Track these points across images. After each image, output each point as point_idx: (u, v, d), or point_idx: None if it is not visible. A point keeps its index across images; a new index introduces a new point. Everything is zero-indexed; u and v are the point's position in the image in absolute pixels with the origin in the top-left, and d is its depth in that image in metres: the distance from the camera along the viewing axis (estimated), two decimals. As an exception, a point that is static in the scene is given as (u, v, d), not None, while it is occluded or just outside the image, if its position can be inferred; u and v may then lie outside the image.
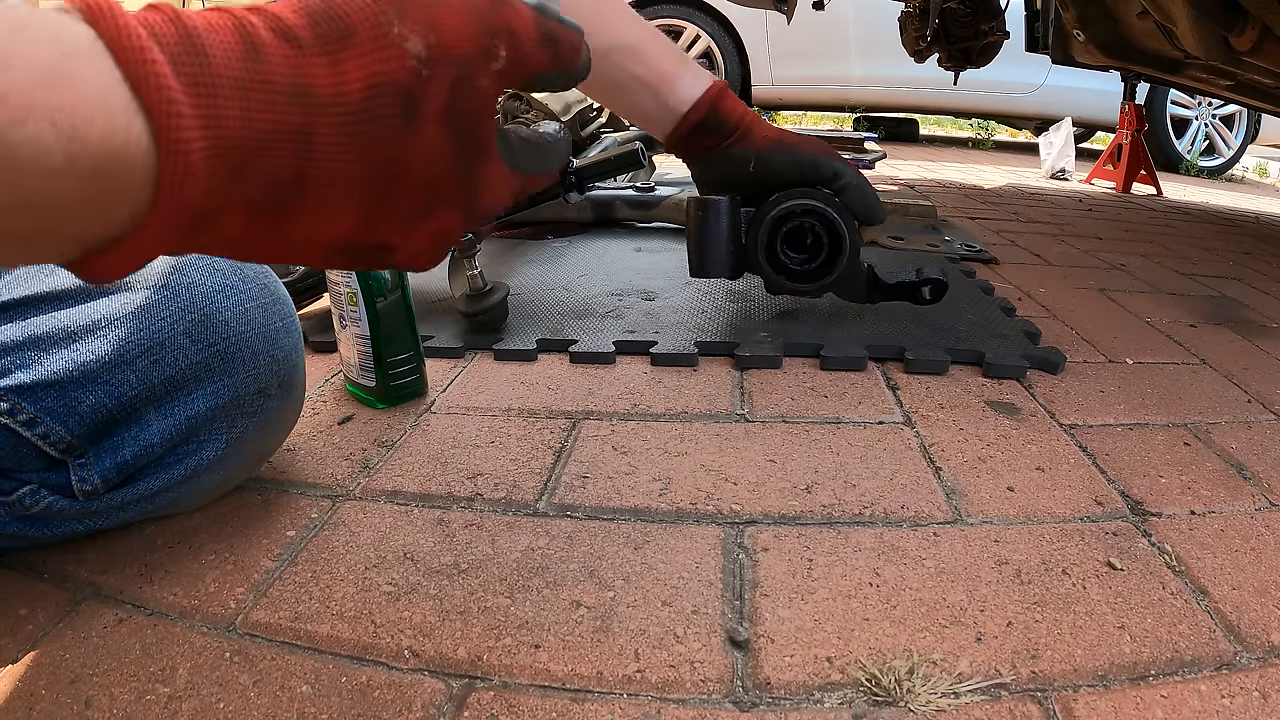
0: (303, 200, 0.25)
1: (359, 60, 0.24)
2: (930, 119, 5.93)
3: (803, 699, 0.39)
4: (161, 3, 0.22)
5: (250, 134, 0.22)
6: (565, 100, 1.52)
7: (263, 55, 0.22)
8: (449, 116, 0.27)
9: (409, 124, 0.26)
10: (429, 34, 0.25)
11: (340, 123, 0.24)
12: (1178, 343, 0.93)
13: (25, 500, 0.43)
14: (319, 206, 0.25)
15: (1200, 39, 1.22)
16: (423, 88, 0.25)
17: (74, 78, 0.19)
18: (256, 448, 0.51)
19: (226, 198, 0.23)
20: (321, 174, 0.25)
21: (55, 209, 0.20)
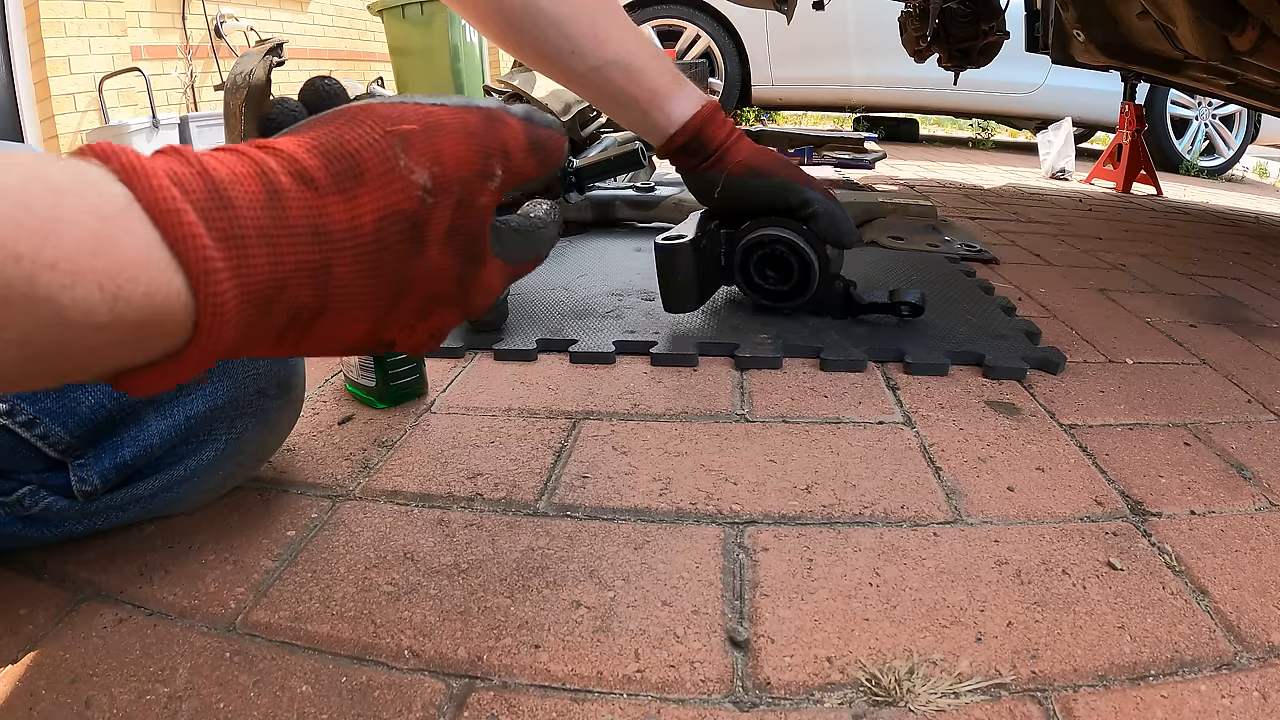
0: (321, 321, 0.27)
1: (370, 195, 0.26)
2: (930, 119, 5.93)
3: (803, 699, 0.39)
4: (183, 148, 0.24)
5: (276, 276, 0.24)
6: (565, 100, 1.52)
7: (284, 201, 0.24)
8: (452, 236, 0.29)
9: (417, 248, 0.28)
10: (433, 164, 0.27)
11: (355, 254, 0.26)
12: (1178, 343, 0.93)
13: (25, 501, 0.43)
14: (335, 323, 0.27)
15: (1200, 39, 1.22)
16: (428, 214, 0.27)
17: (117, 243, 0.20)
18: (256, 448, 0.51)
19: (255, 330, 0.25)
20: (339, 299, 0.26)
21: (95, 352, 0.21)
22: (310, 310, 0.26)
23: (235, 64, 0.88)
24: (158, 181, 0.21)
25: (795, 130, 2.29)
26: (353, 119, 0.27)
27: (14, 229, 0.18)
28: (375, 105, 0.28)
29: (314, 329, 0.27)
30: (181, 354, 0.23)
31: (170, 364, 0.23)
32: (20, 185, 0.19)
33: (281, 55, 0.94)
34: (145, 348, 0.22)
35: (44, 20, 2.77)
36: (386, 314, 0.29)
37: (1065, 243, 1.52)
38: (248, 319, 0.24)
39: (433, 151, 0.27)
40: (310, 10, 4.45)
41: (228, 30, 3.67)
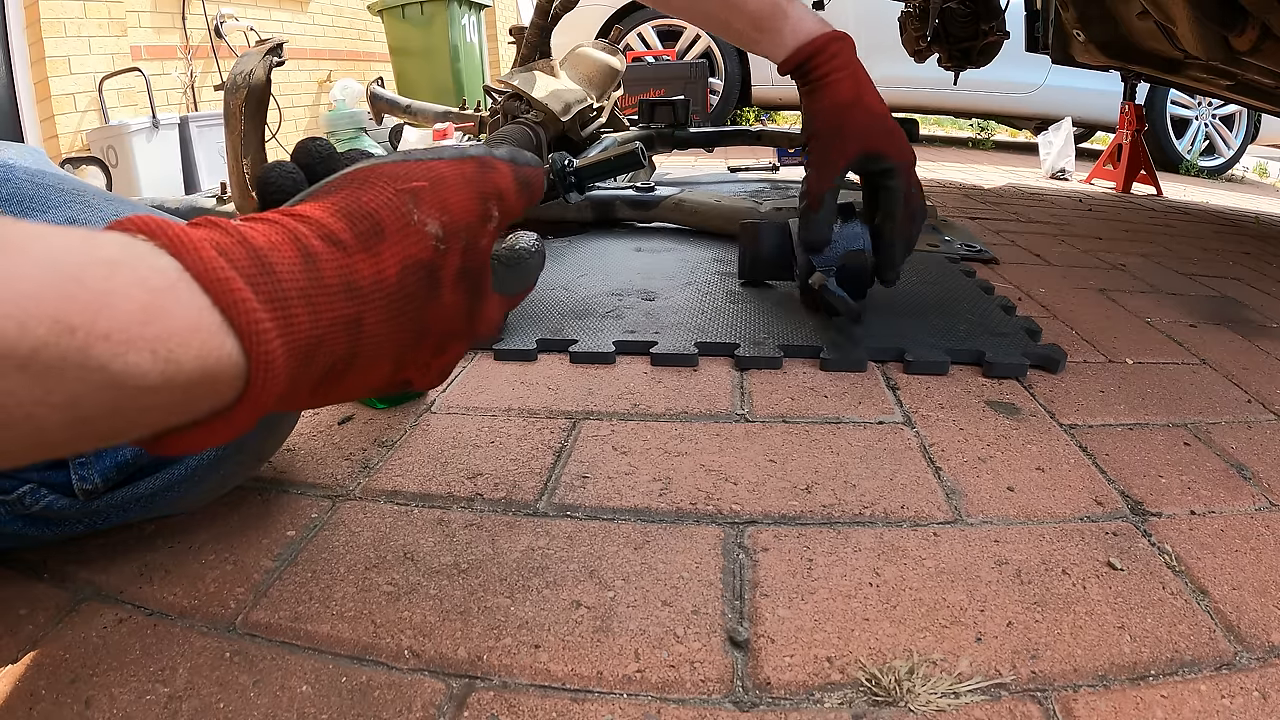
0: (354, 369, 0.29)
1: (391, 250, 0.29)
2: (930, 119, 5.93)
3: (803, 699, 0.39)
4: (220, 220, 0.26)
5: (315, 332, 0.26)
6: (565, 100, 1.52)
7: (318, 263, 0.27)
8: (461, 278, 0.32)
9: (433, 292, 0.31)
10: (442, 214, 0.30)
11: (384, 304, 0.29)
12: (1178, 343, 0.93)
13: (25, 499, 0.43)
14: (365, 368, 0.30)
15: (1200, 39, 1.22)
16: (442, 260, 0.30)
17: (168, 312, 0.21)
18: (256, 447, 0.51)
19: (297, 384, 0.27)
20: (369, 347, 0.29)
21: (145, 413, 0.22)
22: (344, 361, 0.28)
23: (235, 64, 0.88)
24: (206, 253, 0.23)
25: (795, 130, 2.29)
26: (365, 181, 0.30)
27: (68, 302, 0.19)
28: (382, 166, 0.30)
29: (346, 379, 0.29)
30: (231, 410, 0.24)
31: (219, 420, 0.24)
32: (72, 259, 0.19)
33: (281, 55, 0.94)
34: (194, 407, 0.23)
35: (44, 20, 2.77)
36: (407, 355, 0.32)
37: (1065, 243, 1.52)
38: (293, 373, 0.26)
39: (441, 203, 0.30)
40: (310, 10, 4.45)
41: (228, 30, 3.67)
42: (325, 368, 0.28)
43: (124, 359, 0.20)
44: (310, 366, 0.27)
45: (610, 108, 1.81)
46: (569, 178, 0.74)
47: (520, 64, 1.71)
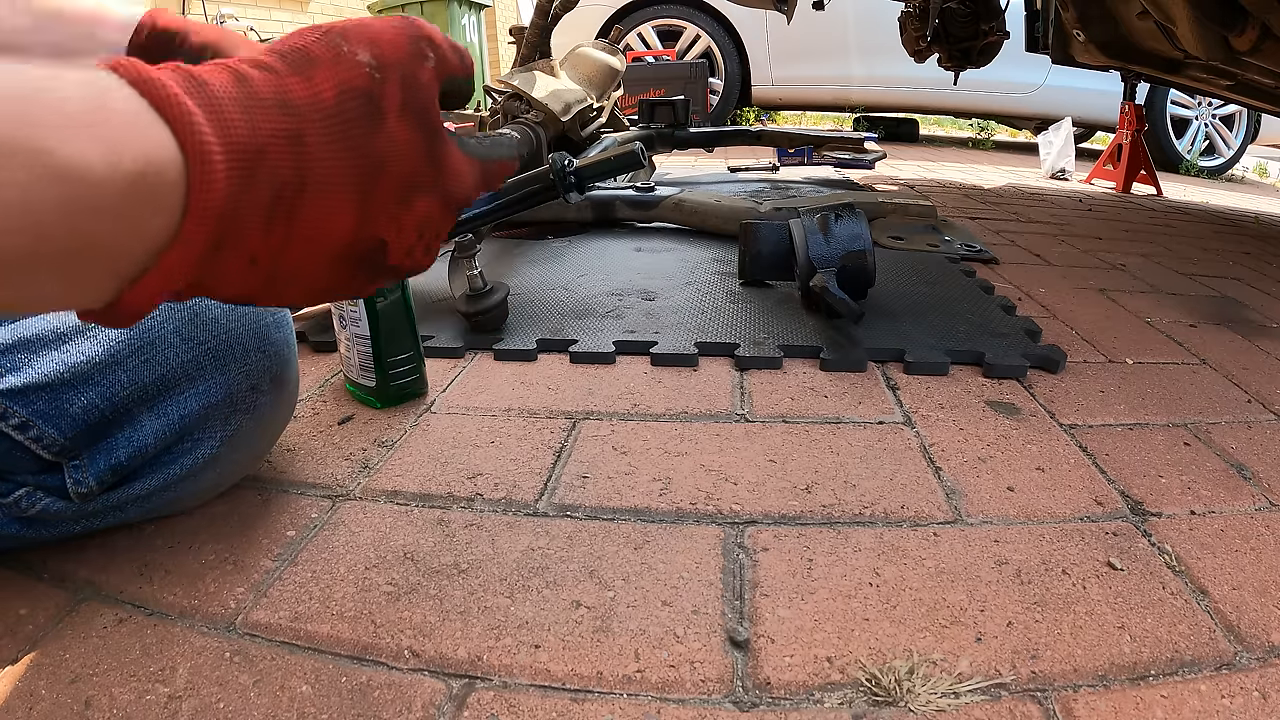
0: (305, 199, 0.28)
1: (325, 74, 0.29)
2: (930, 119, 5.93)
3: (803, 699, 0.39)
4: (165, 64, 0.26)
5: (254, 139, 0.26)
6: (565, 100, 1.52)
7: (251, 82, 0.27)
8: (406, 109, 0.31)
9: (376, 121, 0.30)
10: (372, 47, 0.31)
11: (323, 125, 0.29)
12: (1178, 343, 0.93)
13: (21, 503, 0.43)
14: (320, 204, 0.29)
15: (1200, 39, 1.22)
16: (380, 89, 0.30)
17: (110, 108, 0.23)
18: (252, 445, 0.51)
19: (243, 203, 0.26)
20: (318, 173, 0.28)
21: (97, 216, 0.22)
22: (292, 186, 0.28)
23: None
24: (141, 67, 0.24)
25: (795, 130, 2.29)
26: (293, 34, 0.31)
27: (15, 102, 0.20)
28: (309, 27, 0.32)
29: (300, 212, 0.28)
30: (181, 227, 0.24)
31: (172, 247, 0.24)
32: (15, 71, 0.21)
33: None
34: (145, 223, 0.24)
35: (44, 20, 2.76)
36: (367, 198, 0.31)
37: (1065, 243, 1.52)
38: (235, 183, 0.25)
39: (370, 39, 0.31)
40: (310, 10, 4.45)
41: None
42: (273, 190, 0.27)
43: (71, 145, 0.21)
44: (254, 182, 0.26)
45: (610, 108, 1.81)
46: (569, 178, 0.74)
47: (520, 64, 1.71)
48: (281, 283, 0.31)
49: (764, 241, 0.99)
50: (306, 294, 0.32)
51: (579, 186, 0.74)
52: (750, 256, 1.01)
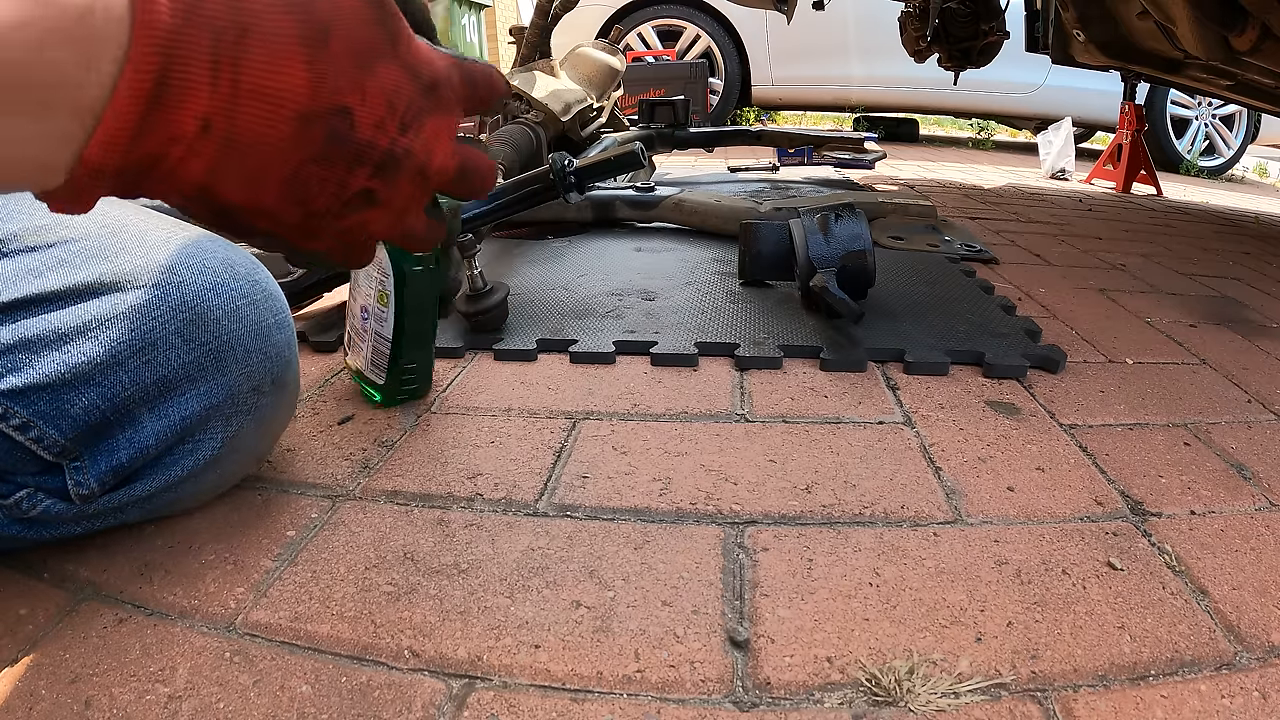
0: (248, 46, 0.28)
1: None
2: (930, 119, 5.93)
3: (803, 699, 0.39)
4: None
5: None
6: (565, 100, 1.52)
7: None
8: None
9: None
10: None
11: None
12: (1178, 343, 0.93)
13: (22, 504, 0.43)
14: (264, 52, 0.28)
15: (1200, 39, 1.22)
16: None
17: None
18: (253, 446, 0.51)
19: (184, 38, 0.26)
20: (256, 23, 0.28)
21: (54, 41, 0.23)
22: (232, 32, 0.27)
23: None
24: None
25: (795, 130, 2.29)
26: None
27: None
28: None
29: (244, 60, 0.28)
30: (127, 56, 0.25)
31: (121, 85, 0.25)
32: None
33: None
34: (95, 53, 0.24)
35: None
36: (316, 55, 0.30)
37: (1065, 243, 1.52)
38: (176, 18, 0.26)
39: None
40: None
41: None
42: (212, 34, 0.27)
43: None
44: (194, 22, 0.26)
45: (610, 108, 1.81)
46: (569, 178, 0.74)
47: (520, 64, 1.71)
48: (243, 155, 0.29)
49: (764, 241, 0.99)
50: (279, 179, 0.31)
51: (579, 186, 0.74)
52: (750, 256, 1.01)
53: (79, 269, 0.43)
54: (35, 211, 0.45)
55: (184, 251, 0.46)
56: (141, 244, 0.45)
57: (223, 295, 0.46)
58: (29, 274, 0.43)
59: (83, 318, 0.42)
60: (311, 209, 0.33)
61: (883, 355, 0.82)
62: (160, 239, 0.46)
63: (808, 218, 0.90)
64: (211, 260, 0.47)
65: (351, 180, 0.33)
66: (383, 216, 0.35)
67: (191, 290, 0.45)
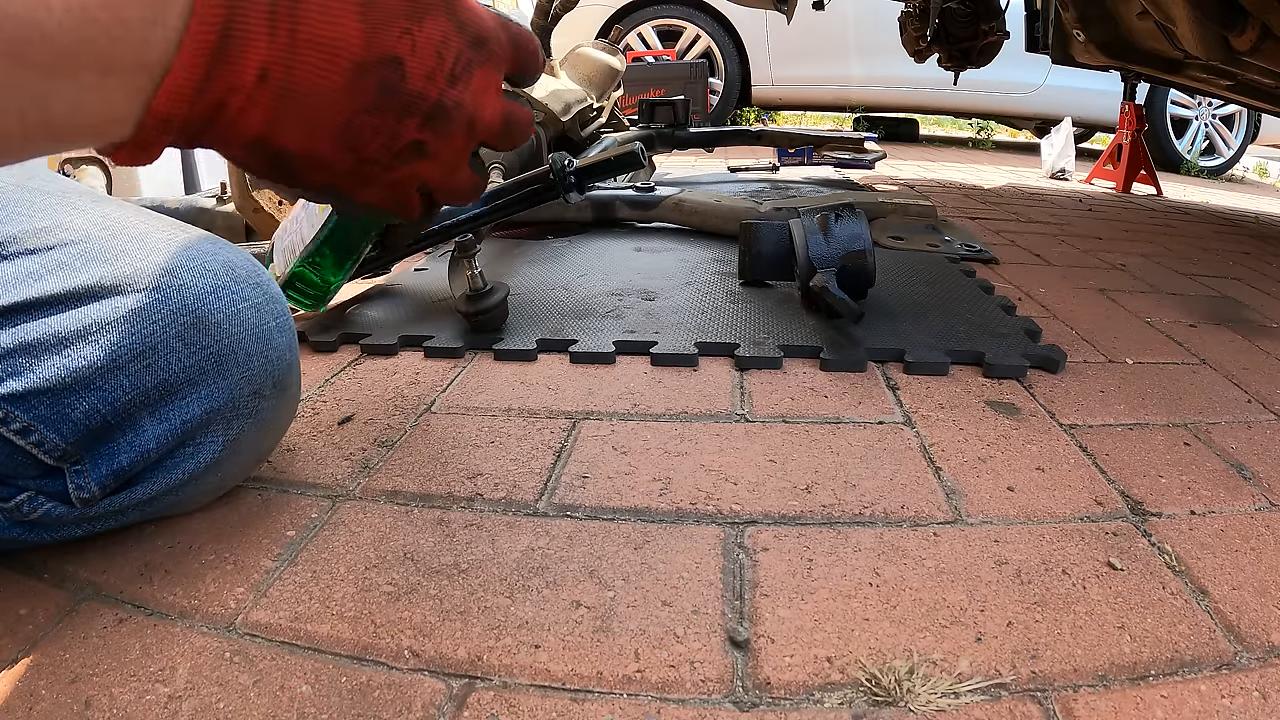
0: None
1: None
2: (930, 119, 5.93)
3: (803, 699, 0.39)
4: None
5: None
6: (565, 100, 1.52)
7: None
8: None
9: None
10: None
11: None
12: (1178, 343, 0.93)
13: (23, 507, 0.43)
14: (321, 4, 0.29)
15: (1200, 39, 1.22)
16: None
17: None
18: (254, 448, 0.51)
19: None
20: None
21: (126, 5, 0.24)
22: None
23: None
24: None
25: (795, 130, 2.29)
26: None
27: None
28: None
29: (301, 8, 0.29)
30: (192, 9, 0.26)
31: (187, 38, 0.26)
32: None
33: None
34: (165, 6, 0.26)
35: (44, 20, 2.76)
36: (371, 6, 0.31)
37: (1065, 243, 1.52)
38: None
39: None
40: None
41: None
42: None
43: None
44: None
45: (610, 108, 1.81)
46: (569, 178, 0.74)
47: (520, 64, 1.71)
48: (299, 104, 0.30)
49: (764, 241, 0.99)
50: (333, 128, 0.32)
51: (579, 186, 0.74)
52: (750, 256, 1.01)
53: (79, 272, 0.43)
54: (34, 214, 0.45)
55: (185, 254, 0.46)
56: (142, 246, 0.45)
57: (224, 298, 0.46)
58: (29, 277, 0.43)
59: (83, 321, 0.42)
60: (364, 157, 0.33)
61: (883, 355, 0.82)
62: (161, 241, 0.46)
63: (808, 218, 0.90)
64: (213, 263, 0.47)
65: (402, 130, 0.33)
66: (433, 168, 0.36)
67: (192, 293, 0.45)
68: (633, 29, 3.83)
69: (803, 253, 0.89)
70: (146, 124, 0.27)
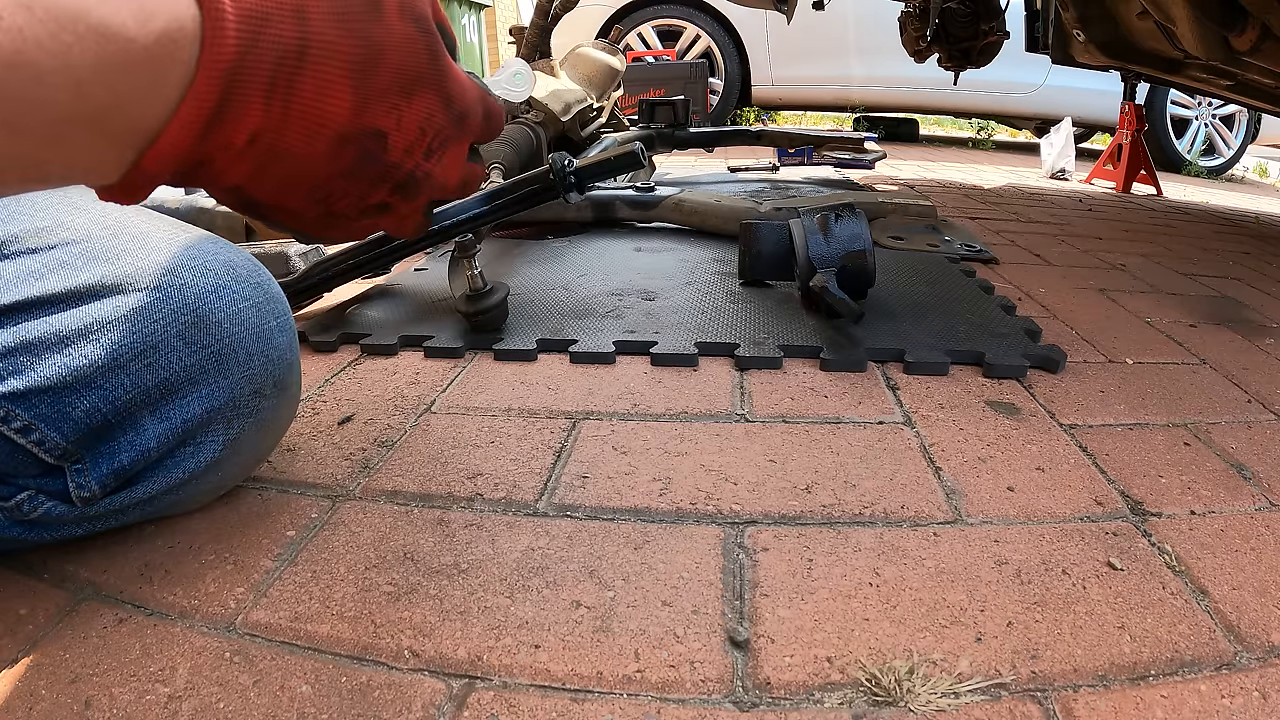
0: (305, 70, 0.30)
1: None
2: (930, 119, 5.93)
3: (803, 699, 0.39)
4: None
5: (261, 4, 0.28)
6: (565, 100, 1.52)
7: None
8: (404, 11, 0.33)
9: (376, 12, 0.32)
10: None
11: (326, 4, 0.30)
12: (1178, 343, 0.93)
13: (24, 506, 0.43)
14: (318, 77, 0.30)
15: (1200, 39, 1.22)
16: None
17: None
18: (254, 448, 0.51)
19: (248, 63, 0.28)
20: (317, 46, 0.30)
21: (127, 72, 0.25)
22: (293, 55, 0.29)
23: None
24: None
25: (795, 130, 2.29)
26: None
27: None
28: None
29: (299, 83, 0.30)
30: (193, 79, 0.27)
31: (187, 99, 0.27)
32: None
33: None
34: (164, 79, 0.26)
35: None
36: (366, 81, 0.32)
37: (1065, 243, 1.52)
38: (243, 42, 0.28)
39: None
40: None
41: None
42: (275, 55, 0.29)
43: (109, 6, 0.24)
44: (259, 45, 0.28)
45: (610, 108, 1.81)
46: (569, 178, 0.74)
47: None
48: (281, 165, 0.31)
49: (764, 241, 0.99)
50: (308, 187, 0.33)
51: (579, 186, 0.74)
52: (750, 256, 1.01)
53: (80, 271, 0.43)
54: (36, 213, 0.45)
55: (186, 253, 0.46)
56: (143, 246, 0.45)
57: (225, 298, 0.46)
58: (30, 276, 0.43)
59: (84, 320, 0.42)
60: (332, 210, 0.35)
61: (883, 355, 0.82)
62: (162, 241, 0.46)
63: (808, 218, 0.90)
64: (214, 263, 0.47)
65: (372, 194, 0.36)
66: (392, 221, 0.39)
67: (193, 293, 0.45)
68: (633, 29, 3.83)
69: (803, 253, 0.89)
70: (132, 176, 0.28)
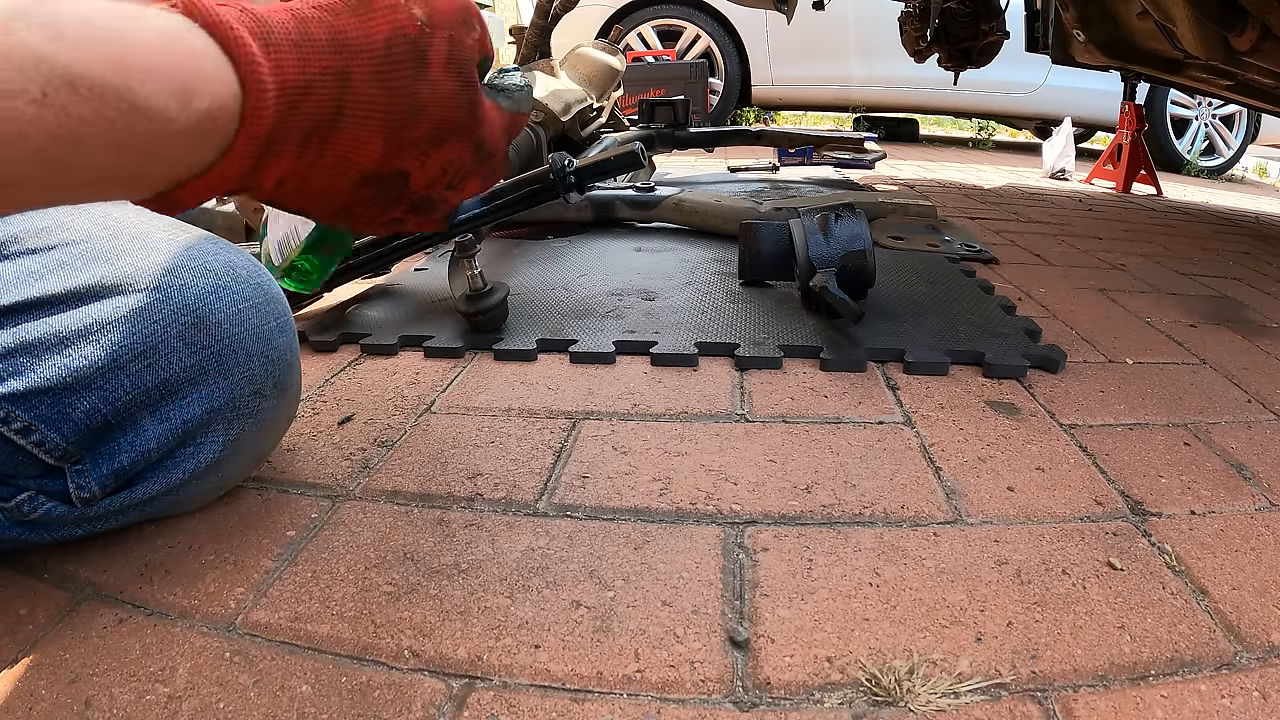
0: (339, 131, 0.32)
1: (379, 18, 0.32)
2: (930, 119, 5.93)
3: (803, 699, 0.39)
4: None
5: (302, 76, 0.30)
6: (565, 100, 1.52)
7: (308, 24, 0.31)
8: (450, 63, 0.34)
9: (422, 68, 0.33)
10: (426, 6, 0.34)
11: (370, 64, 0.32)
12: (1178, 343, 0.93)
13: (24, 507, 0.43)
14: (352, 136, 0.32)
15: (1200, 39, 1.22)
16: (428, 41, 0.33)
17: (186, 51, 0.27)
18: (254, 448, 0.51)
19: (285, 128, 0.30)
20: (355, 108, 0.32)
21: (168, 143, 0.27)
22: (329, 118, 0.31)
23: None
24: (211, 9, 0.28)
25: (795, 130, 2.29)
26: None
27: (106, 45, 0.24)
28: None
29: (332, 141, 0.32)
30: (231, 146, 0.29)
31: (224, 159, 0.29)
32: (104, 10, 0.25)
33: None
34: (203, 147, 0.28)
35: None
36: (400, 135, 0.34)
37: (1065, 243, 1.52)
38: (282, 111, 0.29)
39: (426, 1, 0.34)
40: None
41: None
42: (312, 120, 0.31)
43: (151, 87, 0.25)
44: (298, 111, 0.30)
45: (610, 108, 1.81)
46: (569, 178, 0.74)
47: (520, 64, 1.71)
48: (305, 196, 0.34)
49: (764, 241, 0.99)
50: (326, 209, 0.36)
51: (579, 186, 0.74)
52: (750, 256, 1.01)
53: (80, 272, 0.43)
54: (36, 213, 0.45)
55: (186, 254, 0.46)
56: (143, 246, 0.45)
57: (225, 298, 0.46)
58: (30, 277, 0.43)
59: (84, 321, 0.42)
60: (349, 219, 0.38)
61: (883, 355, 0.82)
62: (162, 241, 0.46)
63: (808, 218, 0.90)
64: (214, 263, 0.47)
65: (389, 213, 0.38)
66: (410, 226, 0.41)
67: (193, 293, 0.45)
68: (633, 29, 3.83)
69: (803, 253, 0.89)
70: (164, 203, 0.30)
